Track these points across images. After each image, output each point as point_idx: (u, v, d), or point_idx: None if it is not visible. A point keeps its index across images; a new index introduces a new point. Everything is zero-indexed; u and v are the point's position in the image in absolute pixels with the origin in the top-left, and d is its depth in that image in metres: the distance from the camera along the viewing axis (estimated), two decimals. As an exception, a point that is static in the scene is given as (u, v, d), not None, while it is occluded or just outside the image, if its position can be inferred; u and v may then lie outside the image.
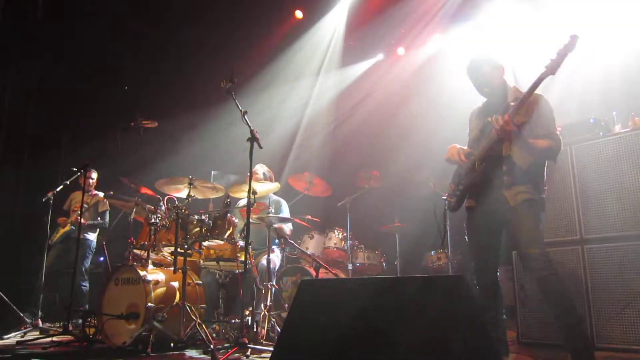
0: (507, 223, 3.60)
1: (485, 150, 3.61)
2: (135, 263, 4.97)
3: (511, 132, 3.44)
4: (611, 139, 4.32)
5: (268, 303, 5.10)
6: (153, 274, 4.84)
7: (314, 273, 5.89)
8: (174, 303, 4.70)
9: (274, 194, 6.30)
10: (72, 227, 7.00)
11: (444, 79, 8.04)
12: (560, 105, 3.63)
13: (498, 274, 3.82)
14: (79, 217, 5.73)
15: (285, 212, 6.38)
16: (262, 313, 4.98)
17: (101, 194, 7.29)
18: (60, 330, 5.40)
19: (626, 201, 4.13)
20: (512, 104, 3.53)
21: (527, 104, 3.49)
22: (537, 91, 3.48)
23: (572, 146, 4.46)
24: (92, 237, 7.24)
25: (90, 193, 7.25)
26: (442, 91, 8.04)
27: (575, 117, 4.82)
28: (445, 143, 3.97)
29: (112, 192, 6.83)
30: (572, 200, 4.43)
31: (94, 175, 7.36)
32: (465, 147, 3.86)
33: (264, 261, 5.42)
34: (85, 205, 6.57)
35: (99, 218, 7.28)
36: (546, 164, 3.69)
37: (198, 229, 5.12)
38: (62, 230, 7.07)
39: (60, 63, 8.19)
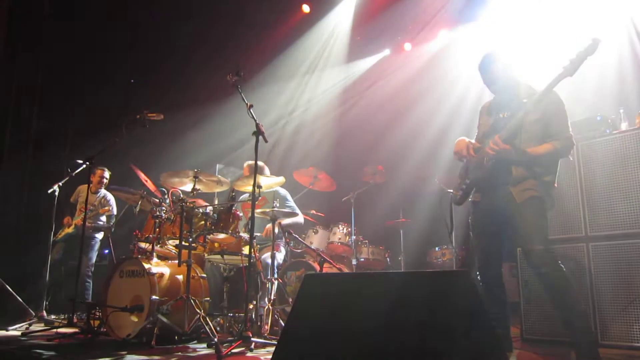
0: (512, 219, 3.59)
1: None
2: (140, 256, 4.98)
3: (504, 151, 3.49)
4: (618, 136, 4.31)
5: (272, 297, 5.11)
6: (158, 267, 4.85)
7: (318, 268, 5.89)
8: (179, 296, 4.70)
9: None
10: (75, 230, 7.03)
11: (451, 75, 8.04)
12: (568, 102, 3.61)
13: (502, 270, 3.82)
14: (82, 220, 5.73)
15: (291, 203, 6.37)
16: (266, 307, 4.99)
17: (109, 197, 7.29)
18: (65, 322, 5.44)
19: (632, 199, 4.12)
20: (524, 101, 3.53)
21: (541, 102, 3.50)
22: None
23: (578, 143, 4.44)
24: (99, 235, 7.25)
25: (99, 193, 7.26)
26: (449, 87, 8.05)
27: (582, 115, 4.80)
28: (451, 138, 3.97)
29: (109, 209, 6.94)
30: (577, 197, 4.42)
31: (107, 174, 7.35)
32: (474, 141, 3.85)
33: (267, 255, 5.42)
34: (91, 208, 6.59)
35: (104, 220, 7.28)
36: (558, 165, 3.69)
37: (203, 222, 5.13)
38: (65, 231, 7.09)
39: (66, 57, 8.21)
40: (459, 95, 7.86)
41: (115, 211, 7.32)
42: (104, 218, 7.28)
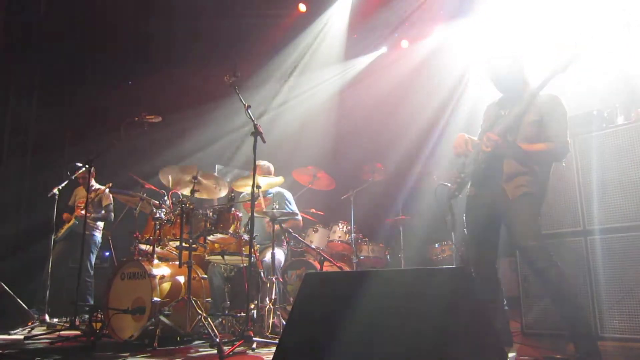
0: (506, 216, 3.61)
1: None
2: (140, 258, 4.99)
3: (496, 144, 3.50)
4: (614, 130, 4.31)
5: (273, 296, 5.12)
6: (158, 269, 4.87)
7: (318, 266, 5.92)
8: (180, 297, 4.73)
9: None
10: (77, 221, 7.00)
11: (448, 72, 8.04)
12: (565, 97, 3.63)
13: (497, 265, 3.83)
14: (83, 212, 5.71)
15: (292, 204, 6.37)
16: (268, 306, 5.00)
17: (104, 188, 7.27)
18: (67, 325, 5.44)
19: (629, 192, 4.13)
20: None
21: (539, 103, 3.51)
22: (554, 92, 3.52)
23: (575, 138, 4.45)
24: (98, 233, 7.24)
25: (92, 188, 7.24)
26: (447, 83, 8.05)
27: (579, 109, 4.81)
28: (450, 135, 3.98)
29: (111, 184, 6.85)
30: (575, 191, 4.43)
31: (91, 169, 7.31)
32: (475, 138, 3.86)
33: (268, 255, 5.43)
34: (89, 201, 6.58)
35: (102, 212, 7.26)
36: (551, 167, 3.70)
37: (203, 223, 5.14)
38: (66, 226, 7.08)
39: (64, 59, 8.21)
40: (458, 92, 7.87)
41: (111, 199, 7.28)
42: (102, 211, 7.25)
